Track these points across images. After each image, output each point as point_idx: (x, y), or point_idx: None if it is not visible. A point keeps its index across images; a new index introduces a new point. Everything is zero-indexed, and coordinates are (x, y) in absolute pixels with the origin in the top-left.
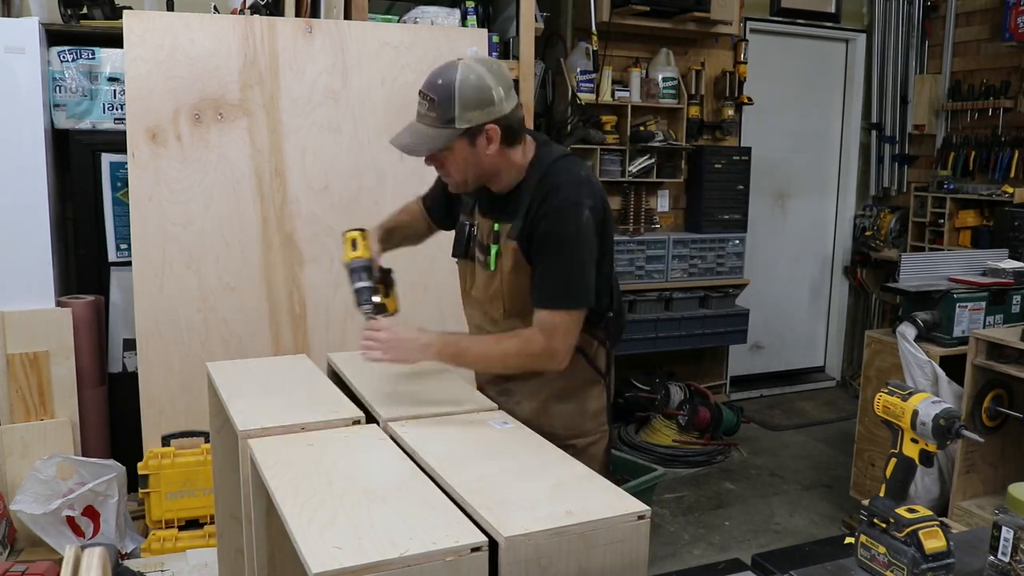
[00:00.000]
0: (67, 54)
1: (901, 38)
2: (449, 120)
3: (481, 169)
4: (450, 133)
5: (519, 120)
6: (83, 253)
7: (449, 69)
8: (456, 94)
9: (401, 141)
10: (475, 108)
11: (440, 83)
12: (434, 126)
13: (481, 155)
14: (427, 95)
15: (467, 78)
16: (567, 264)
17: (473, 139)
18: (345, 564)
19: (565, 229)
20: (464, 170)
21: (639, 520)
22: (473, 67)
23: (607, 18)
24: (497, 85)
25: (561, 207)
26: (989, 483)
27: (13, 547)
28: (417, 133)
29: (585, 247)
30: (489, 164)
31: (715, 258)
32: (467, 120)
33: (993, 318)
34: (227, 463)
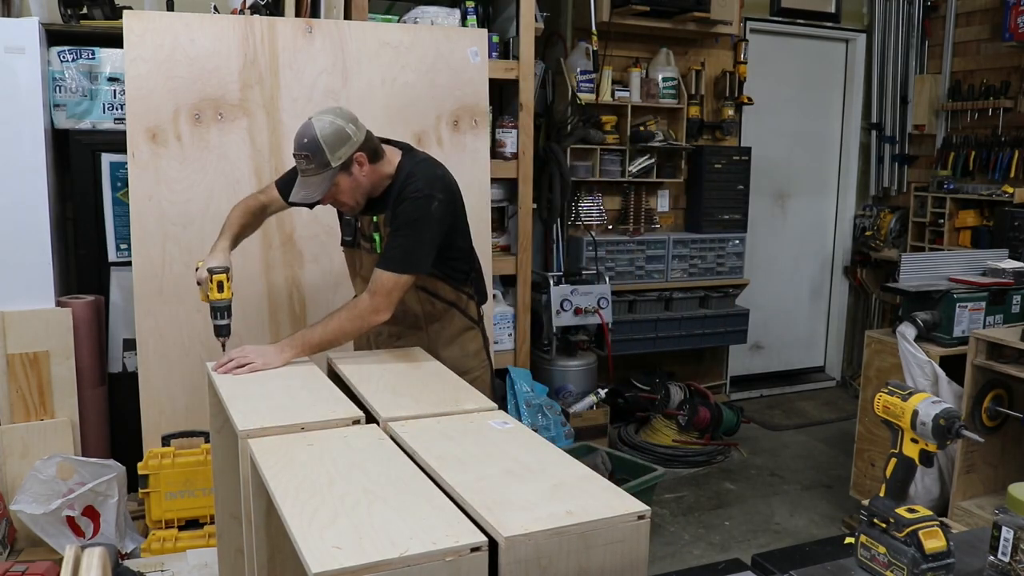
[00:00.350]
0: (67, 54)
1: (901, 38)
2: (326, 164)
3: (363, 189)
4: (331, 172)
5: (374, 141)
6: (83, 253)
7: (308, 128)
8: (322, 143)
9: (299, 196)
10: (340, 146)
11: (306, 141)
12: (317, 173)
13: (360, 178)
14: (302, 153)
15: (324, 128)
16: (407, 239)
17: (348, 170)
18: (345, 564)
19: (413, 214)
20: (353, 195)
21: (639, 520)
22: (324, 118)
23: (607, 18)
24: (347, 123)
25: (415, 197)
26: (989, 483)
27: (13, 547)
28: (308, 184)
29: (427, 229)
30: (368, 182)
31: (715, 258)
32: (339, 158)
33: (993, 318)
34: (227, 463)
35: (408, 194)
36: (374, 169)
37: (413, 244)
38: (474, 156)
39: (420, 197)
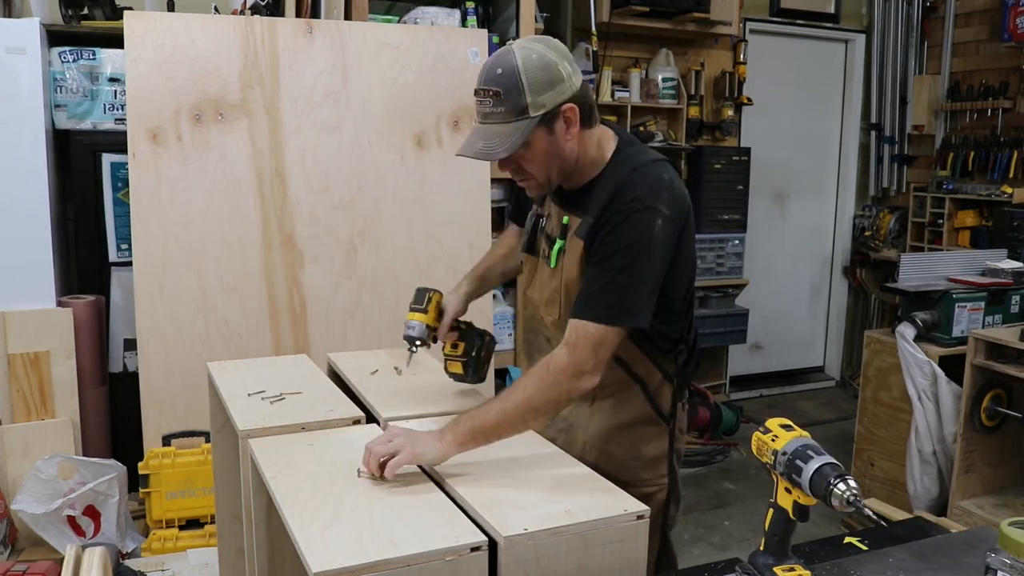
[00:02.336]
0: (68, 54)
1: (900, 38)
2: (522, 110)
3: (563, 159)
4: (527, 124)
5: (591, 97)
6: (84, 253)
7: (505, 56)
8: (523, 78)
9: (474, 148)
10: (546, 89)
11: (500, 72)
12: (506, 121)
13: (561, 143)
14: (488, 90)
15: (529, 58)
16: (623, 273)
17: (551, 125)
18: (345, 564)
19: (631, 234)
20: (547, 165)
21: (638, 520)
22: (531, 47)
23: (607, 18)
24: (562, 60)
25: (632, 209)
26: (988, 483)
27: (14, 547)
28: (488, 135)
29: (649, 258)
30: (570, 152)
31: (715, 258)
32: (541, 105)
33: (992, 318)
34: (227, 463)
35: (625, 205)
36: (583, 138)
37: (631, 281)
38: None
39: (640, 210)
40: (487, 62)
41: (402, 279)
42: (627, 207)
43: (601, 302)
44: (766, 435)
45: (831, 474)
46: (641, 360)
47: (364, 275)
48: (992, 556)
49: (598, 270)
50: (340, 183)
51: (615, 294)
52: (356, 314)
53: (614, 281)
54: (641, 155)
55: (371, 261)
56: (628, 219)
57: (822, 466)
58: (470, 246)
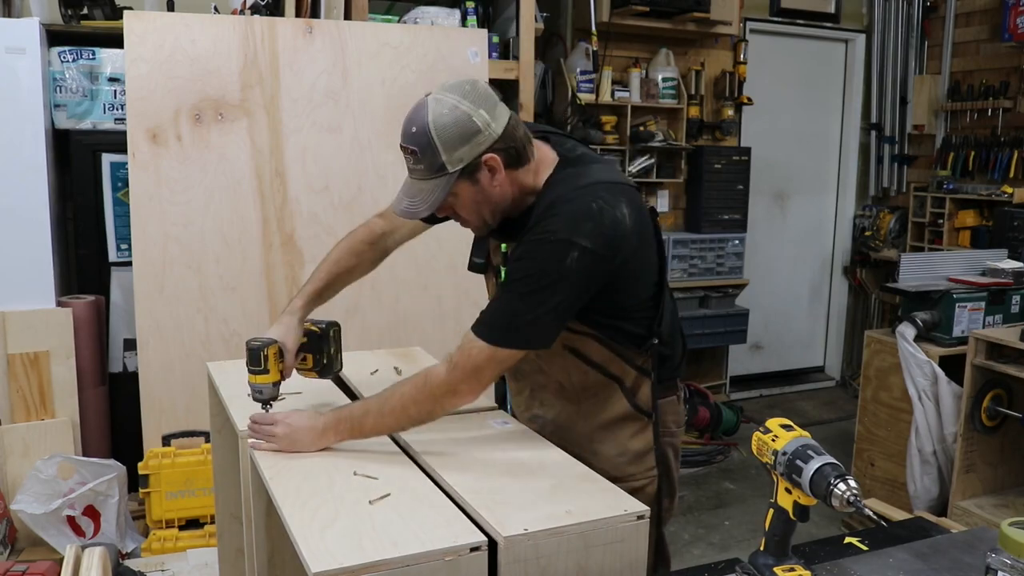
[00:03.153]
0: (68, 54)
1: (900, 38)
2: (439, 168)
3: (494, 203)
4: (446, 180)
5: (520, 137)
6: (83, 253)
7: (419, 112)
8: (434, 137)
9: (401, 207)
10: (461, 144)
11: (415, 131)
12: (426, 178)
13: (488, 189)
14: (407, 148)
15: (440, 115)
16: (522, 300)
17: (473, 176)
18: (345, 564)
19: (538, 264)
20: (478, 211)
21: (638, 520)
22: (443, 99)
23: (607, 18)
24: (476, 109)
25: (544, 240)
26: (988, 483)
27: (14, 547)
28: (413, 191)
29: (553, 291)
30: (500, 195)
31: (715, 258)
32: (459, 159)
33: (992, 318)
34: (227, 463)
35: (538, 235)
36: (514, 178)
37: (528, 307)
38: None
39: (552, 241)
40: (407, 116)
41: (402, 279)
42: (540, 237)
43: (495, 322)
44: (766, 435)
45: (831, 474)
46: (614, 360)
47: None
48: (992, 556)
49: (502, 291)
50: (340, 183)
51: (509, 318)
52: (356, 314)
53: (512, 306)
54: (575, 179)
55: None
56: (539, 248)
57: (822, 466)
58: (469, 245)
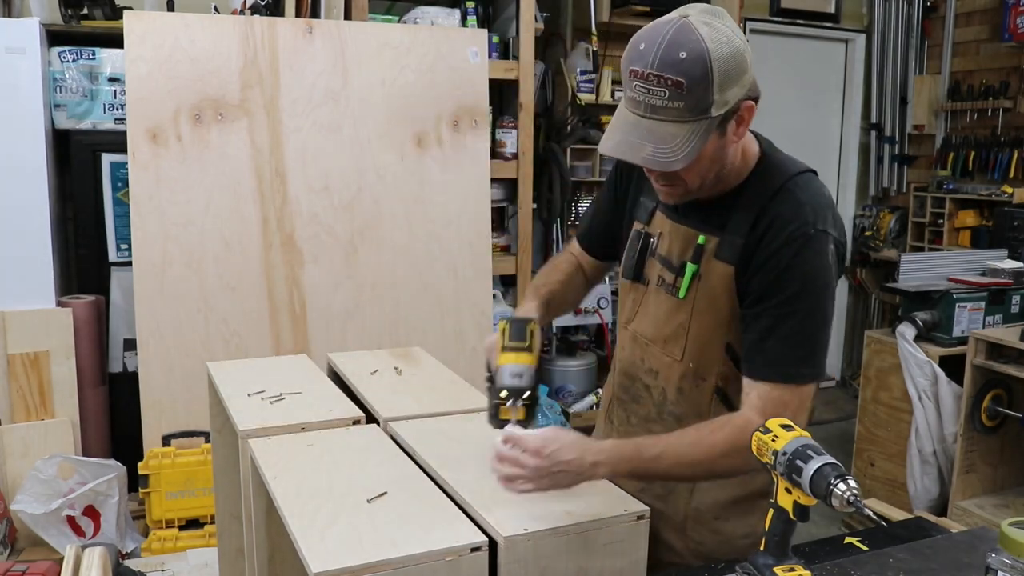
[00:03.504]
0: (68, 54)
1: (900, 38)
2: (705, 109)
3: (723, 164)
4: (707, 125)
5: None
6: (83, 253)
7: (690, 37)
8: (714, 70)
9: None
10: (734, 84)
11: (685, 57)
12: (682, 120)
13: (729, 145)
14: (667, 79)
15: (720, 44)
16: (811, 321)
17: (724, 126)
18: (345, 564)
19: (808, 267)
20: (707, 171)
21: (639, 520)
22: (718, 26)
23: (607, 18)
24: (746, 44)
25: (808, 236)
26: (988, 483)
27: (14, 547)
28: (658, 135)
29: (830, 296)
30: (732, 155)
31: None
32: (725, 102)
33: (992, 318)
34: (227, 463)
35: (795, 229)
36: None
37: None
38: (474, 156)
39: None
40: (659, 40)
41: (402, 279)
42: (799, 233)
43: (789, 357)
44: (766, 435)
45: (831, 474)
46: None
47: (364, 275)
48: (992, 556)
49: (775, 317)
50: (340, 183)
51: (806, 346)
52: (356, 314)
53: (802, 330)
54: (791, 163)
55: (371, 261)
56: (803, 250)
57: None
58: (470, 246)
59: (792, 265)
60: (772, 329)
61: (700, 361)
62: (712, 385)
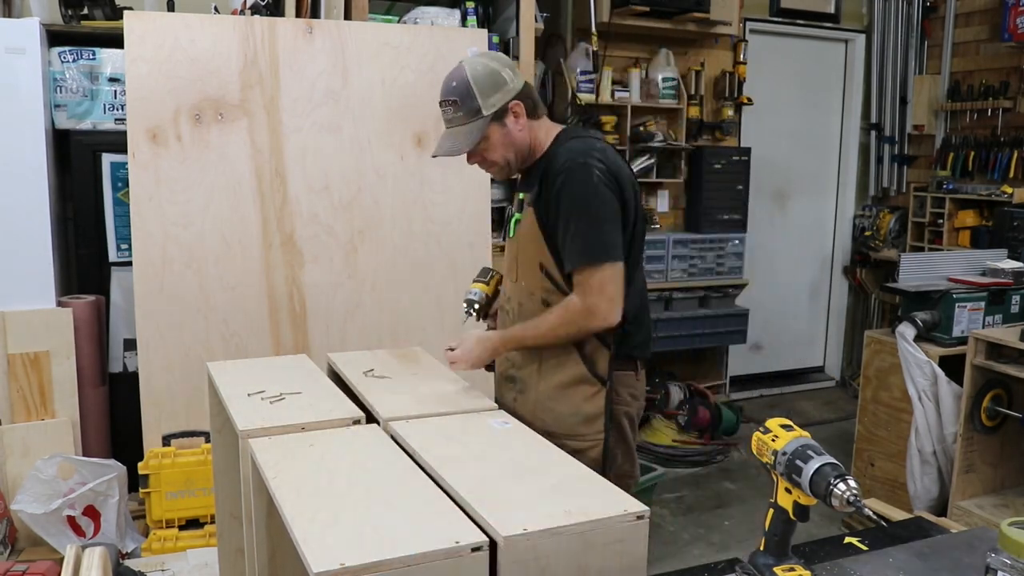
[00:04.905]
0: (68, 54)
1: (900, 38)
2: (476, 111)
3: (517, 146)
4: (481, 122)
5: (534, 95)
6: (84, 253)
7: (458, 71)
8: (473, 86)
9: (443, 148)
10: (493, 92)
11: (455, 84)
12: (465, 123)
13: (514, 133)
14: (448, 100)
15: (476, 69)
16: (585, 221)
17: (502, 120)
18: (345, 563)
19: (577, 188)
20: (504, 152)
21: (638, 520)
22: (476, 60)
23: (607, 18)
24: (503, 67)
25: (571, 168)
26: (988, 483)
27: (14, 547)
28: (452, 136)
29: (600, 203)
30: (522, 140)
31: (715, 258)
32: (491, 105)
33: (992, 318)
34: (227, 463)
35: (561, 166)
36: (531, 127)
37: (590, 224)
38: None
39: (576, 167)
40: (446, 77)
41: (402, 279)
42: (565, 166)
43: (577, 249)
44: (766, 435)
45: (831, 474)
46: None
47: (364, 275)
48: (992, 556)
49: (562, 224)
50: (340, 183)
51: (584, 239)
52: (356, 314)
53: (579, 228)
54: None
55: (371, 261)
56: (570, 175)
57: (822, 466)
58: (470, 246)
59: (563, 187)
60: (564, 236)
61: (527, 280)
62: (539, 299)
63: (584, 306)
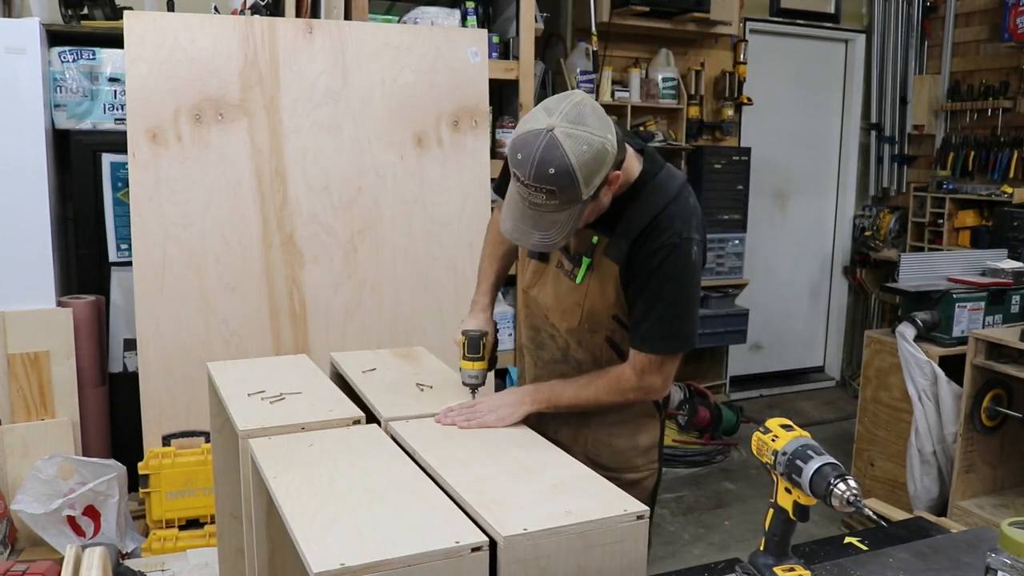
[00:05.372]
0: (68, 54)
1: (900, 38)
2: (577, 199)
3: (603, 208)
4: (581, 207)
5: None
6: (84, 253)
7: (555, 152)
8: (578, 175)
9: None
10: (597, 174)
11: (554, 173)
12: (560, 210)
13: (603, 200)
14: (541, 188)
15: (581, 153)
16: (676, 307)
17: (597, 196)
18: (345, 563)
19: (677, 268)
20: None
21: (638, 520)
22: (576, 135)
23: (607, 18)
24: (603, 130)
25: (673, 245)
26: (988, 483)
27: (14, 547)
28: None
29: (693, 285)
30: (608, 200)
31: (715, 258)
32: (593, 187)
33: (992, 318)
34: (227, 463)
35: (667, 240)
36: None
37: (680, 311)
38: (474, 156)
39: (679, 243)
40: (530, 153)
41: (402, 279)
42: (668, 242)
43: (658, 335)
44: (766, 435)
45: (831, 474)
46: None
47: (364, 275)
48: (992, 556)
49: (648, 304)
50: (340, 183)
51: (670, 327)
52: (356, 314)
53: (667, 313)
54: (669, 180)
55: (371, 261)
56: (672, 254)
57: (822, 466)
58: (470, 246)
59: (661, 266)
60: (646, 314)
61: (592, 324)
62: (603, 336)
63: (640, 384)
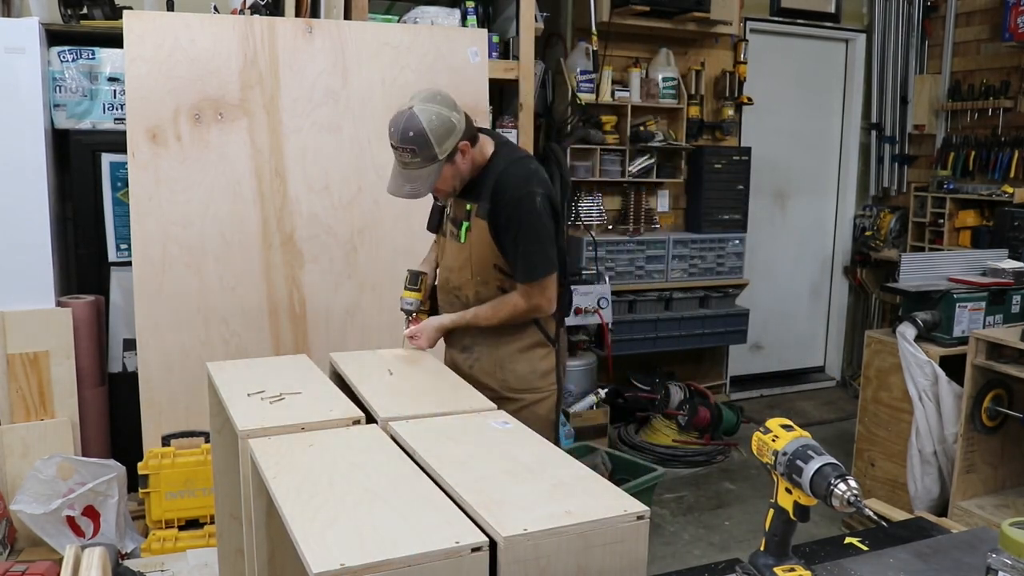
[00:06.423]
0: (67, 54)
1: (901, 38)
2: (433, 157)
3: (463, 175)
4: (437, 166)
5: (472, 125)
6: (83, 253)
7: (412, 120)
8: (430, 136)
9: (404, 191)
10: (447, 138)
11: (412, 135)
12: (423, 166)
13: (461, 166)
14: (407, 147)
15: (431, 120)
16: (534, 244)
17: (452, 159)
18: (345, 564)
19: (524, 216)
20: (452, 182)
21: (638, 520)
22: (428, 108)
23: (607, 18)
24: (451, 111)
25: (519, 198)
26: (989, 483)
27: (13, 547)
28: (412, 178)
29: (542, 227)
30: (466, 168)
31: (715, 258)
32: (445, 150)
33: (993, 318)
34: (227, 463)
35: (511, 198)
36: (472, 154)
37: (538, 247)
38: None
39: (523, 196)
40: (398, 124)
41: (402, 279)
42: (514, 197)
43: (526, 266)
44: (766, 435)
45: (832, 474)
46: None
47: (364, 275)
48: (993, 556)
49: (513, 246)
50: (340, 183)
51: (532, 258)
52: (356, 314)
53: (528, 250)
54: (513, 153)
55: (371, 261)
56: (518, 205)
57: (822, 466)
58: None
59: (512, 215)
60: (515, 255)
61: (482, 275)
62: (494, 287)
63: (529, 306)
